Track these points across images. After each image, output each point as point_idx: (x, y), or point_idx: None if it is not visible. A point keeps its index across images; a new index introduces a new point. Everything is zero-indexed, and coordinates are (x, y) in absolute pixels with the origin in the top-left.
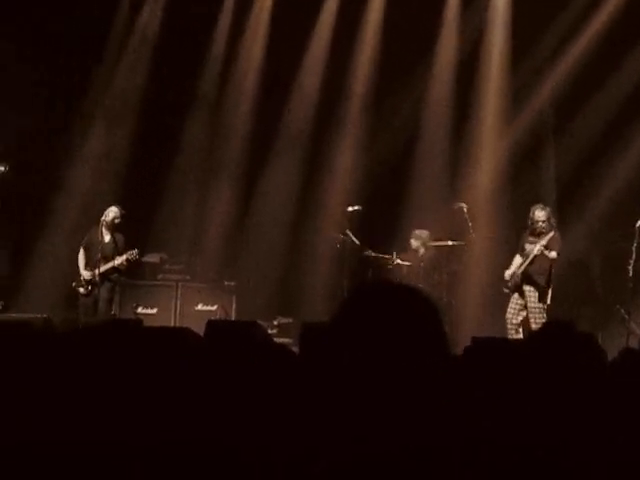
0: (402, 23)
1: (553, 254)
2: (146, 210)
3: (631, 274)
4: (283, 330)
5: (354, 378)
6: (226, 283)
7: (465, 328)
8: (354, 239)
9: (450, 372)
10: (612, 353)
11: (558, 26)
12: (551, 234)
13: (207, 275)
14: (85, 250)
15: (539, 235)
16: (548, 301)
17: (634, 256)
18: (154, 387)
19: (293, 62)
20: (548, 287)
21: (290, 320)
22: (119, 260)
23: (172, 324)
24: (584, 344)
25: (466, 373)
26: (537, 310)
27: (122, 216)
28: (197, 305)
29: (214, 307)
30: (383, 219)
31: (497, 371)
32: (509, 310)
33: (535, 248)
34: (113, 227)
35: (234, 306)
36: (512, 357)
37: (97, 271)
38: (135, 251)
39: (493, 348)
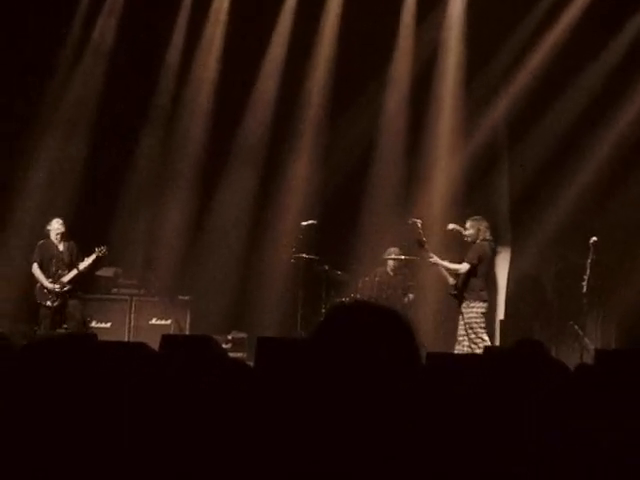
0: (357, 39)
1: (455, 266)
2: (100, 224)
3: (585, 290)
4: (237, 345)
5: (320, 394)
6: (180, 297)
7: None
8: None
9: (418, 390)
10: None
11: (512, 43)
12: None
13: (161, 289)
14: (40, 264)
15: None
16: (476, 317)
17: (588, 272)
18: (110, 402)
19: (248, 75)
20: (464, 298)
21: (244, 335)
22: (89, 260)
23: (126, 338)
24: (553, 364)
25: (429, 390)
26: (471, 325)
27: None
28: (151, 319)
29: (168, 321)
30: (338, 233)
31: (457, 390)
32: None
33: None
34: (64, 236)
35: (188, 320)
36: (469, 374)
37: (64, 280)
38: (104, 247)
39: (450, 365)
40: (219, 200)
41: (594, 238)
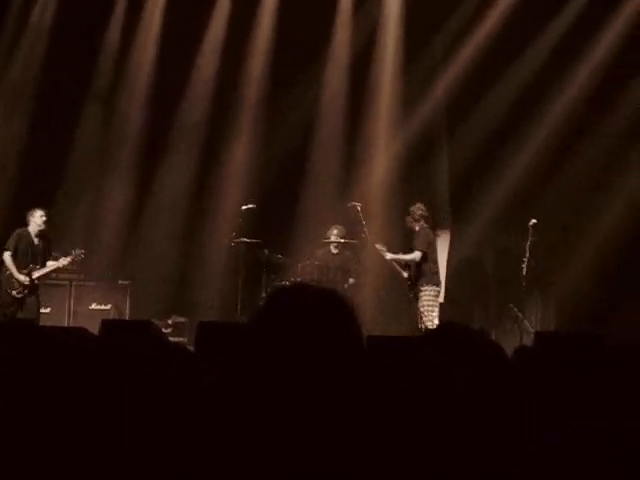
0: (296, 20)
1: (409, 257)
2: (39, 207)
3: (524, 272)
4: (178, 329)
5: (263, 378)
6: (120, 282)
7: None
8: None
9: (360, 372)
10: (506, 351)
11: (451, 26)
12: (415, 233)
13: (101, 274)
14: (14, 254)
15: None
16: (428, 300)
17: (527, 254)
18: (50, 387)
19: (187, 56)
20: (418, 284)
21: (184, 319)
22: (65, 261)
23: (66, 324)
24: (481, 343)
25: (370, 373)
26: (425, 309)
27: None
28: (91, 304)
29: (108, 306)
30: (278, 217)
31: (396, 370)
32: None
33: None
34: (44, 233)
35: (128, 305)
36: (408, 356)
37: (34, 274)
38: (82, 252)
39: (388, 347)
40: (158, 183)
41: (533, 220)
